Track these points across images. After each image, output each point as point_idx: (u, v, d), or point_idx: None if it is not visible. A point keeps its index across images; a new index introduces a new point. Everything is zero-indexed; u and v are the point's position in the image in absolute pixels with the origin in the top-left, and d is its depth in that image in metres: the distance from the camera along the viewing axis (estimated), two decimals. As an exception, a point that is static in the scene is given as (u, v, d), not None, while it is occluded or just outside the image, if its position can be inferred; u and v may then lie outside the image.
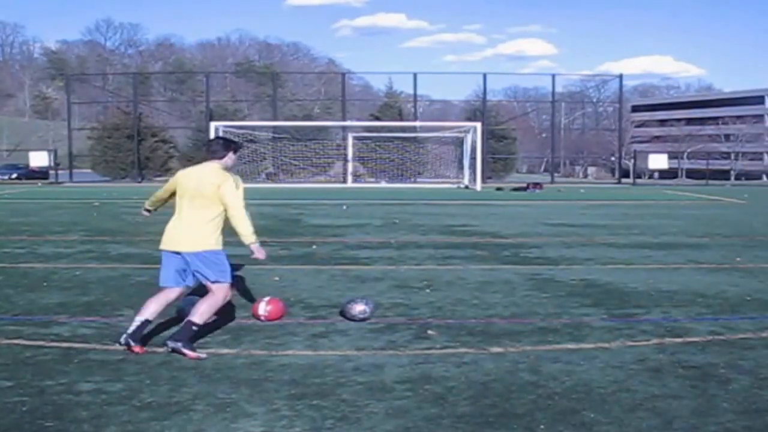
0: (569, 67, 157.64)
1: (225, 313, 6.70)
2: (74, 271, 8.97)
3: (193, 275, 5.51)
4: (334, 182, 38.16)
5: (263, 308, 6.37)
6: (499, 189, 32.03)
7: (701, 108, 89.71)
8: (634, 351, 5.48)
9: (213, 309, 5.52)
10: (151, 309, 5.43)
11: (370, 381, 4.75)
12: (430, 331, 6.03)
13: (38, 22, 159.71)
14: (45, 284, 8.04)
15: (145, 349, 5.35)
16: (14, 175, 44.84)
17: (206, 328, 5.70)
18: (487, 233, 13.67)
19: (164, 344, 5.35)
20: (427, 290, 7.84)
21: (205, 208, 5.50)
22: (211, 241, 5.51)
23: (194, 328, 5.37)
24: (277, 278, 8.47)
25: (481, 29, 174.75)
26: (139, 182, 39.19)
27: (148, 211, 6.37)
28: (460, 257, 10.42)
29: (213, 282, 5.48)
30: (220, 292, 5.50)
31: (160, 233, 5.88)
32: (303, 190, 31.16)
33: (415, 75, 42.07)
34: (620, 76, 44.07)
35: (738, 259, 10.26)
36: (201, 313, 5.41)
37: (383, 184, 36.56)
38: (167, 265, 5.54)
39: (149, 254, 10.37)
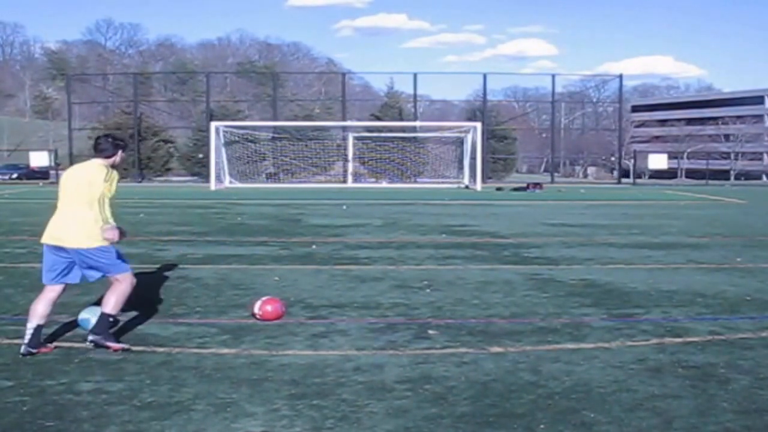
0: (569, 67, 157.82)
1: (224, 313, 6.71)
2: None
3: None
4: (335, 182, 38.17)
5: (259, 307, 6.36)
6: (499, 189, 32.04)
7: (701, 108, 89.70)
8: (634, 351, 5.49)
9: (123, 298, 5.46)
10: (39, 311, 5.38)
11: (370, 381, 4.75)
12: (430, 331, 6.04)
13: (38, 22, 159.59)
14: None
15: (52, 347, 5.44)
16: (15, 175, 44.84)
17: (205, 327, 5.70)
18: (487, 233, 13.67)
19: (86, 340, 5.34)
20: (427, 290, 7.85)
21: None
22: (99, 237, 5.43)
23: (110, 319, 5.40)
24: (277, 278, 8.48)
25: (482, 29, 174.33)
26: (140, 182, 39.21)
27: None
28: (460, 257, 10.43)
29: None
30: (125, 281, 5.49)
31: (160, 233, 5.88)
32: (303, 190, 31.17)
33: (415, 75, 42.13)
34: (620, 76, 44.09)
35: (738, 259, 10.26)
36: (114, 304, 5.40)
37: (384, 184, 36.56)
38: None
39: (149, 254, 10.38)
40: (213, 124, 34.71)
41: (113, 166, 5.73)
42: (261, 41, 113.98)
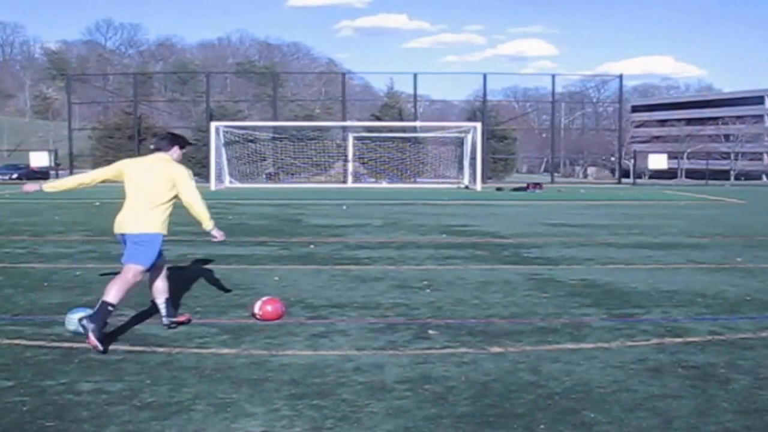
0: (569, 67, 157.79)
1: (224, 313, 6.71)
2: (75, 271, 8.98)
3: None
4: (335, 182, 38.17)
5: (259, 307, 6.37)
6: (499, 189, 32.05)
7: (701, 108, 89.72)
8: (634, 351, 5.49)
9: (125, 288, 5.62)
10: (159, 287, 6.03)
11: (371, 381, 4.76)
12: (430, 331, 6.04)
13: (38, 22, 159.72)
14: (46, 284, 8.05)
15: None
16: (15, 176, 44.84)
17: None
18: (487, 233, 13.67)
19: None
20: (427, 290, 7.85)
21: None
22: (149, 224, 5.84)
23: (110, 308, 5.50)
24: (277, 278, 8.48)
25: (482, 30, 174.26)
26: (140, 182, 39.21)
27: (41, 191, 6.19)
28: (460, 257, 10.43)
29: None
30: (130, 273, 5.69)
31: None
32: (303, 190, 31.17)
33: (415, 75, 42.15)
34: (620, 77, 44.10)
35: (738, 259, 10.26)
36: (117, 290, 5.55)
37: (384, 185, 36.56)
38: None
39: (149, 254, 10.39)
40: (213, 124, 34.73)
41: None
42: (261, 41, 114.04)
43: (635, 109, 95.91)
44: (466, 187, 34.39)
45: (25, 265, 9.45)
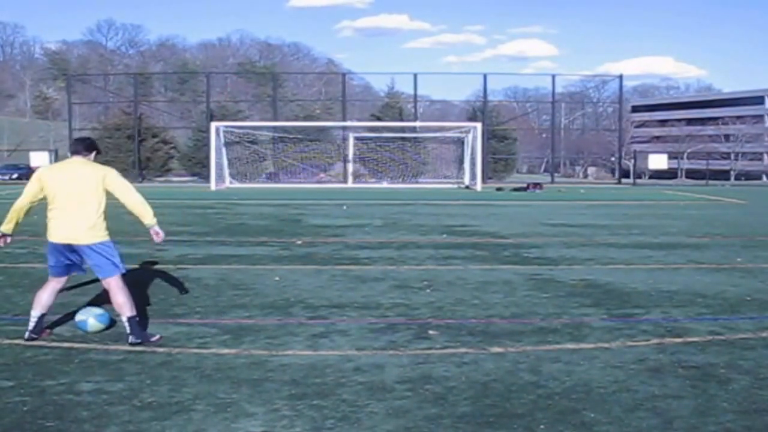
0: (570, 67, 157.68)
1: (224, 313, 6.71)
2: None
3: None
4: (335, 182, 38.16)
5: None
6: (499, 189, 32.04)
7: (701, 108, 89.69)
8: (634, 351, 5.49)
9: (126, 294, 5.65)
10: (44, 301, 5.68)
11: (371, 381, 4.76)
12: (431, 331, 6.04)
13: (38, 22, 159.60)
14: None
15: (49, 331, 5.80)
16: (15, 176, 44.79)
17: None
18: (488, 233, 13.67)
19: (128, 341, 5.53)
20: (428, 290, 7.85)
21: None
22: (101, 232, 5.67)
23: (137, 318, 5.63)
24: (277, 278, 8.48)
25: (483, 30, 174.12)
26: (140, 182, 39.21)
27: (8, 236, 6.02)
28: (461, 257, 10.43)
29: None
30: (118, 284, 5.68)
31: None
32: (303, 190, 31.17)
33: (415, 75, 42.10)
34: (620, 77, 44.05)
35: (738, 259, 10.26)
36: (124, 304, 5.58)
37: (385, 185, 36.56)
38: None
39: (149, 254, 10.39)
40: (213, 125, 34.70)
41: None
42: (261, 41, 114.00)
43: (635, 109, 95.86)
44: (467, 187, 34.39)
45: (25, 265, 9.45)
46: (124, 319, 5.57)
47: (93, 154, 5.83)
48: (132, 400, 4.36)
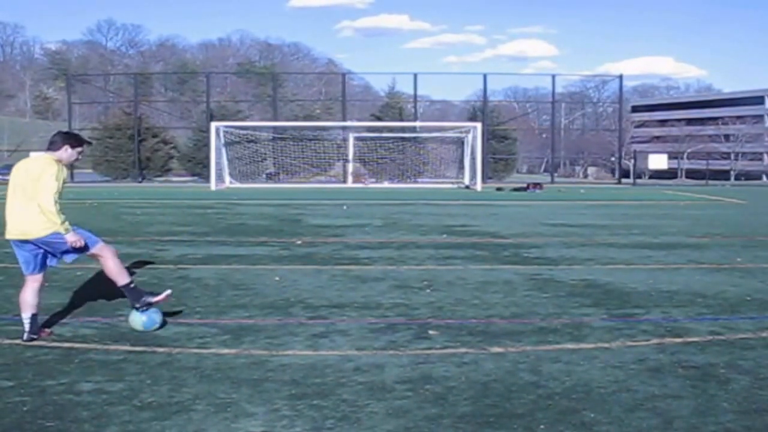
0: (570, 67, 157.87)
1: (225, 313, 6.71)
2: (75, 271, 8.97)
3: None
4: (335, 182, 38.17)
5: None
6: (499, 189, 32.03)
7: (701, 108, 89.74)
8: (634, 351, 5.49)
9: (118, 265, 5.76)
10: (29, 301, 5.71)
11: (371, 381, 4.76)
12: (431, 331, 6.04)
13: (38, 22, 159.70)
14: (46, 284, 8.00)
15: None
16: (15, 176, 44.78)
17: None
18: (488, 233, 13.67)
19: (134, 307, 5.73)
20: (428, 290, 7.85)
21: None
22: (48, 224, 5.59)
23: (132, 285, 5.81)
24: (277, 278, 8.48)
25: (483, 30, 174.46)
26: (140, 182, 39.21)
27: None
28: (461, 257, 10.43)
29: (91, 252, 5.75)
30: (104, 252, 5.75)
31: (160, 233, 5.92)
32: (303, 190, 31.17)
33: (415, 75, 42.12)
34: (620, 77, 44.06)
35: (738, 259, 10.26)
36: (117, 274, 5.71)
37: (385, 185, 36.55)
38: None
39: (149, 254, 10.38)
40: (213, 125, 34.71)
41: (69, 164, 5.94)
42: (261, 41, 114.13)
43: (635, 109, 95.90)
44: (467, 187, 34.39)
45: (25, 265, 9.43)
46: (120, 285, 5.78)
47: (63, 150, 5.77)
48: (132, 400, 4.36)
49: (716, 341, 5.76)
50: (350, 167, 38.42)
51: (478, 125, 35.68)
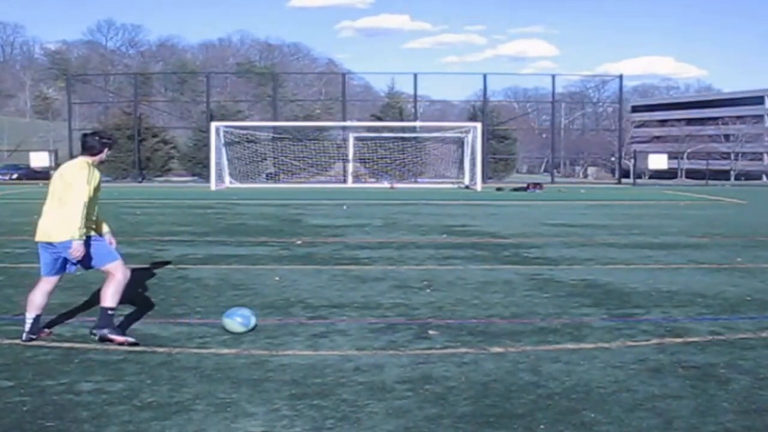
0: (570, 67, 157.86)
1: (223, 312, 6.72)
2: (75, 271, 8.96)
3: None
4: (335, 182, 38.16)
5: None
6: (499, 189, 32.03)
7: (701, 108, 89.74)
8: (634, 351, 5.49)
9: (119, 290, 5.62)
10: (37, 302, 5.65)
11: (371, 381, 4.76)
12: (431, 331, 6.04)
13: (38, 22, 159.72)
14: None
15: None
16: (15, 176, 44.82)
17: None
18: (488, 233, 13.67)
19: (91, 333, 5.52)
20: (428, 290, 7.85)
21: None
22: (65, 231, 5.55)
23: (110, 312, 5.54)
24: (277, 278, 8.48)
25: (483, 30, 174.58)
26: (140, 182, 39.21)
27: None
28: (461, 257, 10.43)
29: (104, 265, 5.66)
30: (117, 272, 5.64)
31: (160, 233, 5.91)
32: (303, 190, 31.17)
33: (415, 75, 42.11)
34: (620, 77, 44.04)
35: (738, 259, 10.26)
36: (110, 295, 5.55)
37: (386, 184, 36.54)
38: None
39: (149, 254, 10.38)
40: (213, 125, 34.69)
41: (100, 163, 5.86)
42: (262, 42, 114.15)
43: (635, 109, 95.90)
44: (467, 187, 34.38)
45: (25, 265, 9.43)
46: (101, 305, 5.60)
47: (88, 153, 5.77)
48: (132, 400, 4.36)
49: (716, 341, 5.76)
50: (350, 167, 38.41)
51: (478, 125, 35.67)
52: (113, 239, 6.07)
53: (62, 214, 5.50)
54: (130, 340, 5.48)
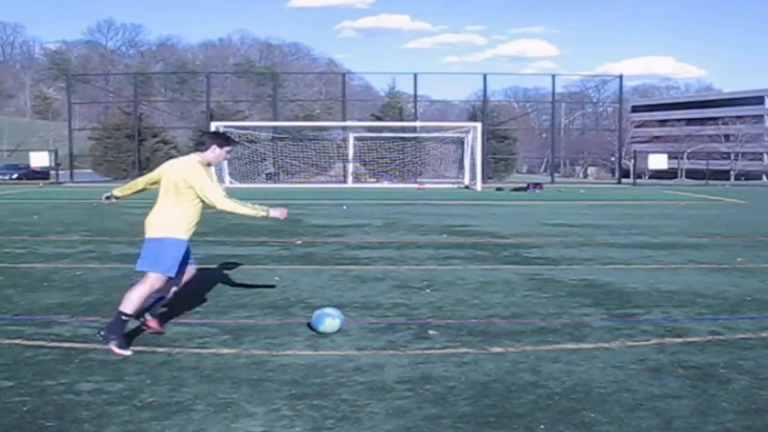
0: (570, 67, 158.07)
1: (225, 313, 6.71)
2: (75, 271, 8.98)
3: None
4: (335, 182, 38.16)
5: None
6: (499, 189, 32.02)
7: (701, 108, 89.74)
8: (634, 351, 5.49)
9: (143, 298, 5.48)
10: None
11: (371, 381, 4.76)
12: (431, 331, 6.04)
13: (38, 22, 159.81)
14: (46, 284, 8.05)
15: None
16: (15, 176, 44.86)
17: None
18: (487, 233, 13.67)
19: (98, 333, 5.42)
20: (428, 290, 7.85)
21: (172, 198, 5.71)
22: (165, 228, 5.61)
23: (123, 317, 5.35)
24: (277, 278, 8.48)
25: (483, 30, 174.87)
26: (140, 182, 39.16)
27: (116, 198, 6.35)
28: (460, 257, 10.43)
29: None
30: (149, 281, 5.52)
31: (161, 233, 5.92)
32: (303, 190, 31.16)
33: (415, 75, 42.10)
34: (620, 77, 44.03)
35: (738, 259, 10.26)
36: (133, 300, 5.41)
37: (386, 184, 36.55)
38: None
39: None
40: (213, 124, 34.67)
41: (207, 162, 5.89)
42: (262, 41, 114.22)
43: (635, 109, 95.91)
44: (467, 187, 34.38)
45: (25, 265, 9.45)
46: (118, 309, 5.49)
47: (211, 150, 5.82)
48: (132, 400, 4.36)
49: (716, 341, 5.76)
50: (350, 167, 38.41)
51: (478, 125, 35.66)
52: None
53: (164, 209, 5.73)
54: (127, 353, 5.24)
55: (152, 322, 5.80)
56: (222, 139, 5.98)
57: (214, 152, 5.85)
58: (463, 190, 33.24)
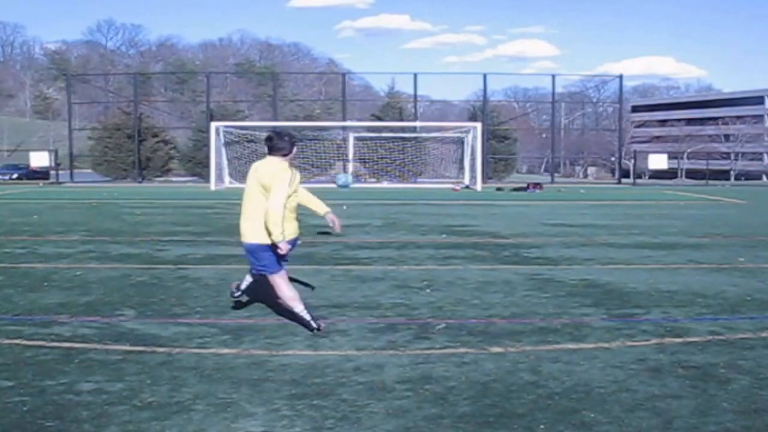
0: (570, 67, 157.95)
1: (224, 313, 6.71)
2: (75, 271, 8.98)
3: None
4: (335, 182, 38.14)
5: None
6: (499, 189, 32.02)
7: (701, 108, 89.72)
8: (634, 351, 5.49)
9: (285, 290, 5.96)
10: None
11: (371, 381, 4.76)
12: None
13: (38, 22, 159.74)
14: (46, 284, 8.05)
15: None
16: (15, 176, 44.82)
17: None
18: (488, 233, 13.67)
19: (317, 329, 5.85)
20: (428, 290, 7.85)
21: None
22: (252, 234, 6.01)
23: (297, 312, 5.91)
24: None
25: (483, 30, 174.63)
26: (140, 182, 39.19)
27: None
28: (461, 257, 10.43)
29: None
30: (273, 281, 5.92)
31: (160, 233, 5.90)
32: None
33: (415, 75, 42.09)
34: (620, 77, 44.02)
35: (739, 259, 10.25)
36: (285, 299, 5.95)
37: (385, 184, 36.55)
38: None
39: (149, 254, 10.38)
40: (213, 125, 34.69)
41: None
42: (262, 41, 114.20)
43: (635, 109, 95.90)
44: (467, 187, 34.37)
45: (25, 265, 9.45)
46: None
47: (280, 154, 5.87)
48: (132, 400, 4.36)
49: (716, 341, 5.76)
50: (350, 167, 38.40)
51: (478, 125, 35.65)
52: (335, 218, 6.68)
53: (253, 213, 6.03)
54: (321, 325, 5.89)
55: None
56: (294, 139, 6.10)
57: (293, 153, 6.01)
58: (464, 189, 33.23)
